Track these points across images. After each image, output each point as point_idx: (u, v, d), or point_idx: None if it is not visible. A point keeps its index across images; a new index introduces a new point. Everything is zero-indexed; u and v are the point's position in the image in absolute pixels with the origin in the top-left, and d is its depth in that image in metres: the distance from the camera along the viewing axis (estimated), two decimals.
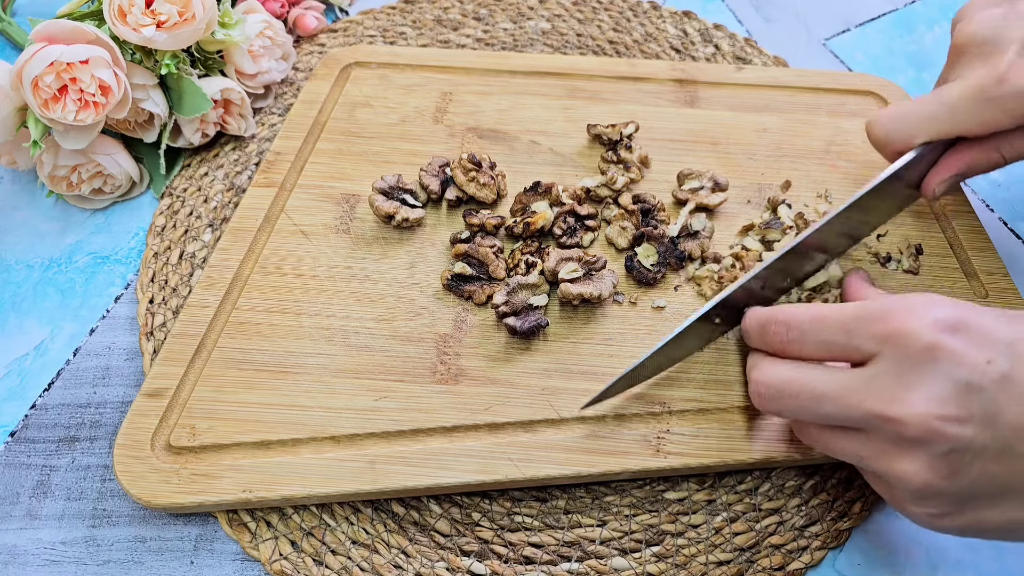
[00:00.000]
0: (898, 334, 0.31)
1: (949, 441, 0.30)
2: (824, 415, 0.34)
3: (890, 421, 0.31)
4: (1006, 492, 0.31)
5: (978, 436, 0.30)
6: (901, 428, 0.31)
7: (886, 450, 0.32)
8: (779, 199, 0.51)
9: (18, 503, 0.42)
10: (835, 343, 0.34)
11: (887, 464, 0.32)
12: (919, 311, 0.32)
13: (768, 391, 0.36)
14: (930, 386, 0.30)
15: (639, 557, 0.40)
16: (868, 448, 0.33)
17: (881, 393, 0.31)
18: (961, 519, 0.32)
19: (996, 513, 0.31)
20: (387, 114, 0.57)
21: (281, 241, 0.50)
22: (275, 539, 0.41)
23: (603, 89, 0.59)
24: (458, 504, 0.42)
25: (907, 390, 0.31)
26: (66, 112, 0.48)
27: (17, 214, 0.55)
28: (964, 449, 0.30)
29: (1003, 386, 0.30)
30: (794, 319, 0.36)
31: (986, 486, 0.31)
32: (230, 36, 0.55)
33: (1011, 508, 0.31)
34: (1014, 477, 0.30)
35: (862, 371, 0.33)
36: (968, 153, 0.44)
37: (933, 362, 0.30)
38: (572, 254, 0.47)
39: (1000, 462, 0.30)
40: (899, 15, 0.71)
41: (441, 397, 0.43)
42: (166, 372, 0.43)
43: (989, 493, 0.31)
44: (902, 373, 0.31)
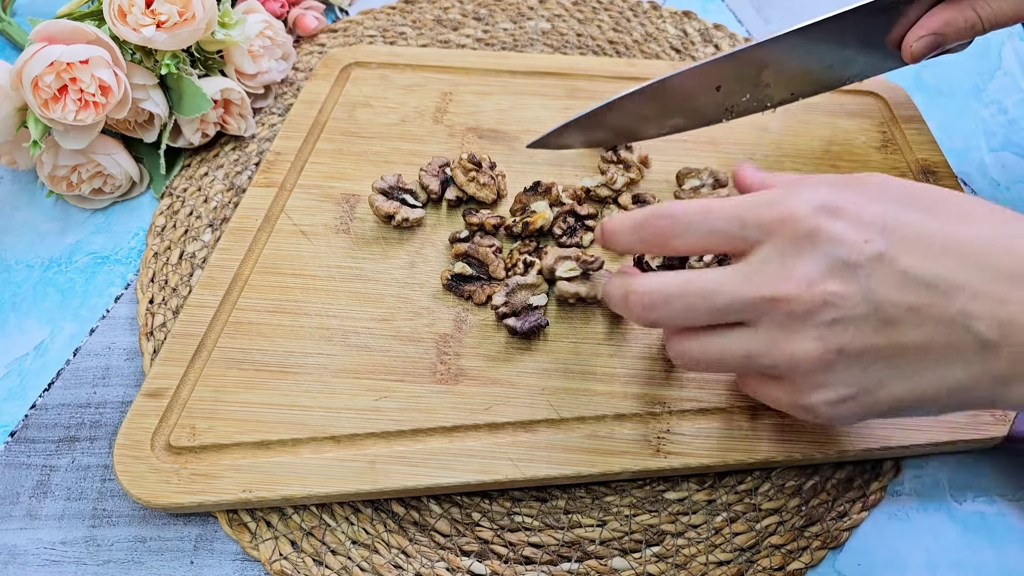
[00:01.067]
0: (780, 220, 0.33)
1: (832, 309, 0.31)
2: (715, 310, 0.34)
3: (778, 301, 0.32)
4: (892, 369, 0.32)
5: (858, 307, 0.31)
6: (787, 305, 0.32)
7: (776, 337, 0.33)
8: None
9: (18, 503, 0.42)
10: (724, 231, 0.34)
11: (779, 351, 0.33)
12: (801, 196, 0.33)
13: (653, 297, 0.35)
14: (811, 263, 0.32)
15: (639, 557, 0.40)
16: (757, 341, 0.33)
17: (769, 276, 0.32)
18: (858, 403, 0.33)
19: (887, 391, 0.32)
20: (387, 114, 0.57)
21: (281, 241, 0.50)
22: (275, 539, 0.41)
23: (603, 89, 0.59)
24: (458, 504, 0.42)
25: (792, 268, 0.32)
26: (66, 112, 0.48)
27: (17, 214, 0.55)
28: (847, 320, 0.31)
29: (878, 264, 0.31)
30: (680, 210, 0.36)
31: (874, 363, 0.32)
32: (230, 36, 0.55)
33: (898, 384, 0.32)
34: (896, 351, 0.31)
35: (748, 260, 0.33)
36: (945, 11, 0.45)
37: (813, 243, 0.32)
38: (570, 253, 0.47)
39: (881, 334, 0.31)
40: None
41: (441, 397, 0.43)
42: (166, 372, 0.43)
43: (878, 371, 0.32)
44: (785, 256, 0.32)
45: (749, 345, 0.34)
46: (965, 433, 0.42)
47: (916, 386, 0.32)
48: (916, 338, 0.31)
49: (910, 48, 0.46)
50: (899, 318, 0.31)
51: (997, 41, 0.68)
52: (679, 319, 0.35)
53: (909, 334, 0.31)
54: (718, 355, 0.35)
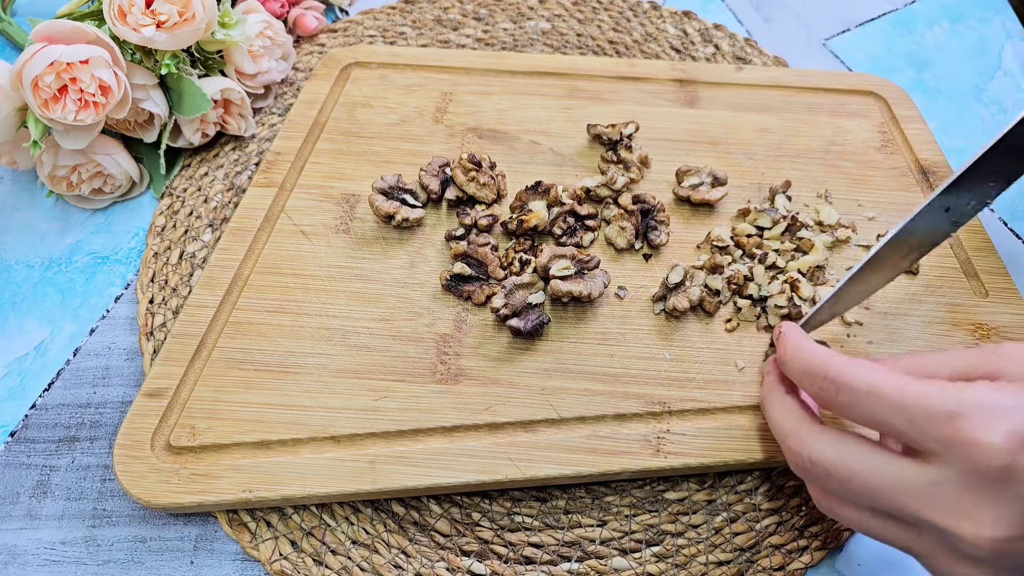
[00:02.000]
0: (968, 444, 0.28)
1: (1014, 560, 0.28)
2: (876, 505, 0.31)
3: (953, 537, 0.29)
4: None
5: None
6: (965, 546, 0.29)
7: (942, 553, 0.30)
8: (779, 190, 0.52)
9: (18, 503, 0.42)
10: (892, 427, 0.30)
11: (944, 564, 0.30)
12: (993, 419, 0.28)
13: (814, 469, 0.33)
14: (1000, 507, 0.28)
15: (639, 557, 0.40)
16: (921, 544, 0.31)
17: (945, 505, 0.29)
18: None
19: None
20: (387, 114, 0.57)
21: (281, 241, 0.50)
22: (275, 539, 0.41)
23: (603, 89, 0.59)
24: (458, 504, 0.42)
25: (975, 508, 0.28)
26: (66, 112, 0.48)
27: (17, 214, 0.55)
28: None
29: None
30: (847, 382, 0.32)
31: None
32: (230, 36, 0.55)
33: None
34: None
35: (923, 472, 0.30)
36: None
37: (1006, 482, 0.28)
38: (566, 251, 0.47)
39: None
40: (899, 15, 0.71)
41: (441, 397, 0.43)
42: (166, 372, 0.43)
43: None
44: (970, 488, 0.28)
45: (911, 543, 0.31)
46: None
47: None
48: None
49: None
50: None
51: (997, 41, 0.68)
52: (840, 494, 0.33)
53: None
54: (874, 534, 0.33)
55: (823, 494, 0.35)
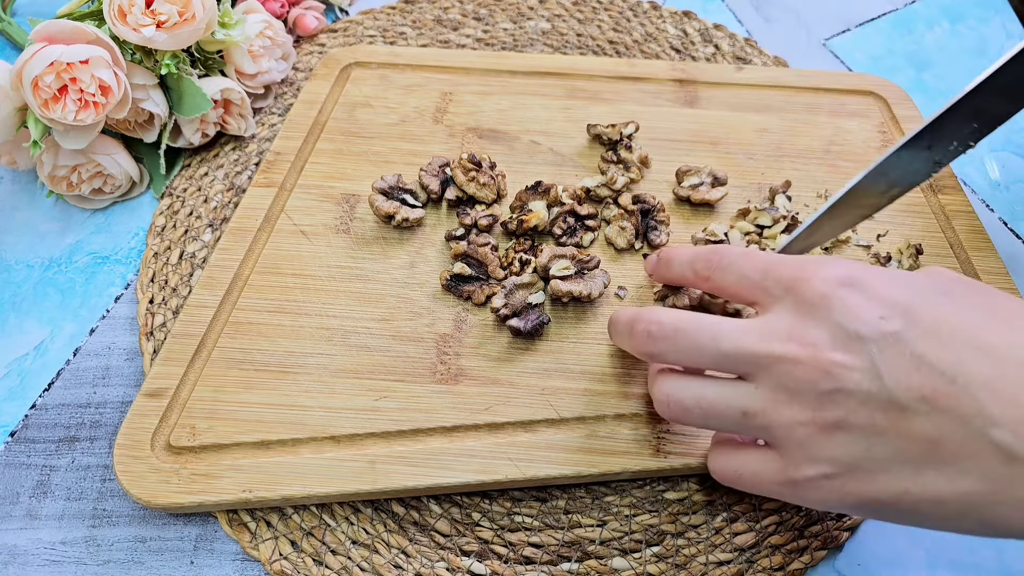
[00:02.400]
0: (799, 280, 0.33)
1: (834, 380, 0.30)
2: (720, 353, 0.33)
3: (780, 360, 0.32)
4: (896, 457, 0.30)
5: (863, 383, 0.30)
6: (791, 366, 0.31)
7: (777, 398, 0.32)
8: (779, 189, 0.52)
9: (18, 503, 0.42)
10: (750, 278, 0.35)
11: (776, 413, 0.32)
12: (827, 265, 0.33)
13: (662, 328, 0.35)
14: (819, 328, 0.31)
15: (639, 557, 0.40)
16: (756, 398, 0.33)
17: (777, 334, 0.32)
18: (853, 486, 0.31)
19: (885, 481, 0.30)
20: (387, 114, 0.57)
21: (281, 241, 0.50)
22: (275, 539, 0.41)
23: (603, 89, 0.59)
24: (458, 504, 0.42)
25: (801, 331, 0.32)
26: (66, 112, 0.48)
27: (17, 214, 0.55)
28: (850, 392, 0.30)
29: (892, 343, 0.30)
30: (728, 249, 0.37)
31: (876, 447, 0.30)
32: (230, 36, 0.55)
33: (899, 477, 0.30)
34: (903, 440, 0.30)
35: (763, 315, 0.34)
36: None
37: (826, 309, 0.31)
38: (566, 251, 0.47)
39: (886, 416, 0.30)
40: (899, 15, 0.71)
41: (441, 397, 0.43)
42: (166, 372, 0.43)
43: (880, 456, 0.30)
44: (798, 316, 0.32)
45: (748, 400, 0.33)
46: None
47: (922, 483, 0.30)
48: (927, 429, 0.29)
49: None
50: (909, 403, 0.29)
51: (997, 41, 0.68)
52: (682, 356, 0.35)
53: (919, 423, 0.29)
54: (712, 403, 0.34)
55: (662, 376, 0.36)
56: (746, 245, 0.50)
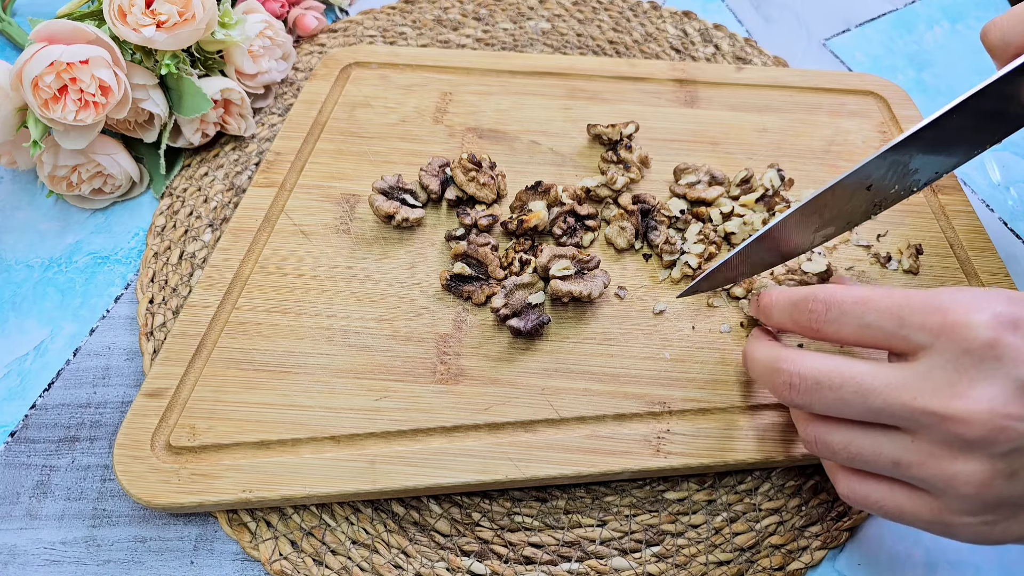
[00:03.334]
0: (956, 327, 0.30)
1: (1012, 440, 0.28)
2: (869, 410, 0.31)
3: (949, 420, 0.29)
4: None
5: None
6: (961, 427, 0.29)
7: (937, 453, 0.30)
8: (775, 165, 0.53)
9: (18, 503, 0.42)
10: (881, 328, 0.32)
11: (937, 468, 0.30)
12: (978, 304, 0.30)
13: (804, 382, 0.33)
14: (992, 384, 0.29)
15: (639, 557, 0.40)
16: (912, 451, 0.31)
17: (938, 390, 0.29)
18: (1016, 526, 0.30)
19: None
20: (387, 114, 0.57)
21: (281, 241, 0.50)
22: (275, 539, 0.41)
23: (603, 89, 0.59)
24: (458, 504, 0.42)
25: (969, 387, 0.29)
26: (66, 112, 0.48)
27: (17, 214, 0.55)
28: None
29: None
30: (836, 298, 0.33)
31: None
32: (230, 36, 0.55)
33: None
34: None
35: (913, 365, 0.31)
36: None
37: (995, 359, 0.29)
38: (566, 251, 0.47)
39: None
40: (899, 15, 0.71)
41: (441, 397, 0.43)
42: (166, 372, 0.43)
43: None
44: (961, 369, 0.29)
45: (903, 454, 0.31)
46: None
47: None
48: None
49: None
50: None
51: None
52: (828, 409, 0.33)
53: None
54: (861, 452, 0.33)
55: (808, 419, 0.35)
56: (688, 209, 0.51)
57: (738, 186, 0.52)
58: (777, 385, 0.35)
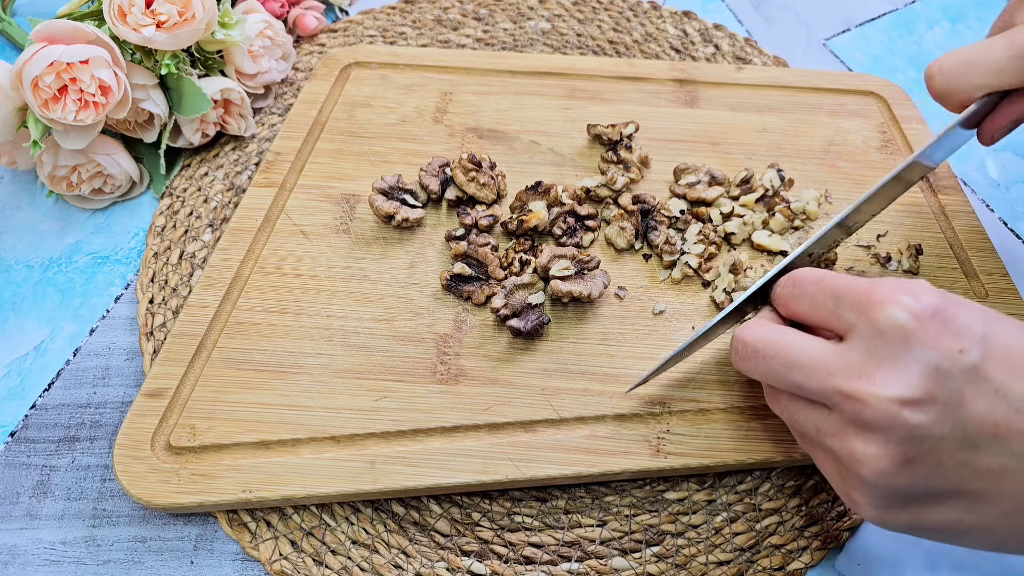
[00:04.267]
0: (875, 307, 0.31)
1: (909, 428, 0.29)
2: (791, 383, 0.33)
3: (852, 399, 0.30)
4: (955, 491, 0.30)
5: (938, 424, 0.29)
6: (862, 408, 0.30)
7: (845, 430, 0.31)
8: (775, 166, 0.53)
9: (18, 503, 0.42)
10: (823, 305, 0.34)
11: (844, 443, 0.31)
12: (902, 292, 0.31)
13: (745, 348, 0.35)
14: (897, 366, 0.30)
15: (639, 557, 0.40)
16: (828, 423, 0.32)
17: (849, 369, 0.31)
18: (904, 515, 0.31)
19: (939, 512, 0.31)
20: (387, 114, 0.57)
21: (281, 241, 0.50)
22: (275, 539, 0.41)
23: (603, 89, 0.59)
24: (458, 504, 0.42)
25: (875, 368, 0.30)
26: (66, 112, 0.48)
27: (17, 214, 0.55)
28: (923, 437, 0.29)
29: (971, 377, 0.29)
30: (801, 276, 0.36)
31: (938, 482, 0.30)
32: (230, 36, 0.55)
33: (955, 509, 0.30)
34: (967, 474, 0.30)
35: (839, 344, 0.32)
36: None
37: (904, 341, 0.30)
38: (566, 252, 0.47)
39: (956, 455, 0.29)
40: (899, 15, 0.71)
41: (441, 397, 0.43)
42: (166, 372, 0.43)
43: (938, 490, 0.30)
44: (873, 350, 0.30)
45: (821, 422, 0.33)
46: None
47: (976, 513, 0.30)
48: (991, 464, 0.29)
49: (990, 137, 0.44)
50: (980, 442, 0.29)
51: None
52: (763, 377, 0.35)
53: (985, 458, 0.29)
54: (793, 417, 0.35)
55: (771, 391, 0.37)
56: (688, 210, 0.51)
57: (738, 186, 0.52)
58: (734, 348, 0.36)
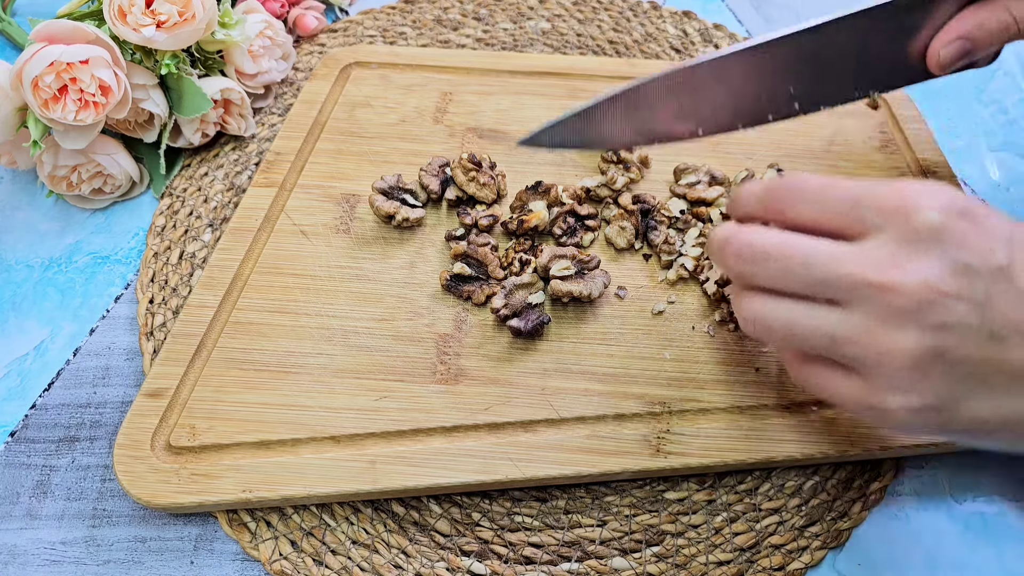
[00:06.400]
0: (907, 210, 0.31)
1: (942, 313, 0.30)
2: (811, 279, 0.32)
3: (884, 289, 0.30)
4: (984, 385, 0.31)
5: (968, 316, 0.30)
6: (894, 296, 0.30)
7: (871, 327, 0.31)
8: (775, 165, 0.53)
9: (18, 503, 0.42)
10: (839, 210, 0.33)
11: (871, 342, 0.31)
12: (933, 193, 0.31)
13: (753, 251, 0.33)
14: (930, 260, 0.30)
15: (639, 557, 0.40)
16: (848, 326, 0.31)
17: (878, 262, 0.31)
18: (935, 415, 0.31)
19: (968, 408, 0.31)
20: (387, 114, 0.57)
21: (281, 241, 0.50)
22: (275, 539, 0.41)
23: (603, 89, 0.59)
24: (458, 504, 0.42)
25: (907, 261, 0.30)
26: (66, 112, 0.48)
27: (17, 214, 0.55)
28: (955, 325, 0.30)
29: (999, 277, 0.30)
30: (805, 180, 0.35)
31: (967, 376, 0.31)
32: (230, 36, 0.55)
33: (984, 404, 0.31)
34: (993, 369, 0.30)
35: (860, 243, 0.32)
36: (976, 13, 0.42)
37: (937, 240, 0.30)
38: (566, 251, 0.47)
39: (984, 349, 0.30)
40: None
41: (441, 397, 0.43)
42: (166, 372, 0.43)
43: (968, 386, 0.31)
44: (904, 246, 0.31)
45: (839, 327, 0.32)
46: None
47: (1004, 408, 0.31)
48: (1018, 358, 0.30)
49: (937, 56, 0.43)
50: (1007, 335, 0.30)
51: None
52: (772, 280, 0.33)
53: (1012, 353, 0.30)
54: (799, 328, 0.33)
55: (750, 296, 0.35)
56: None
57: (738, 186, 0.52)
58: (726, 255, 0.35)
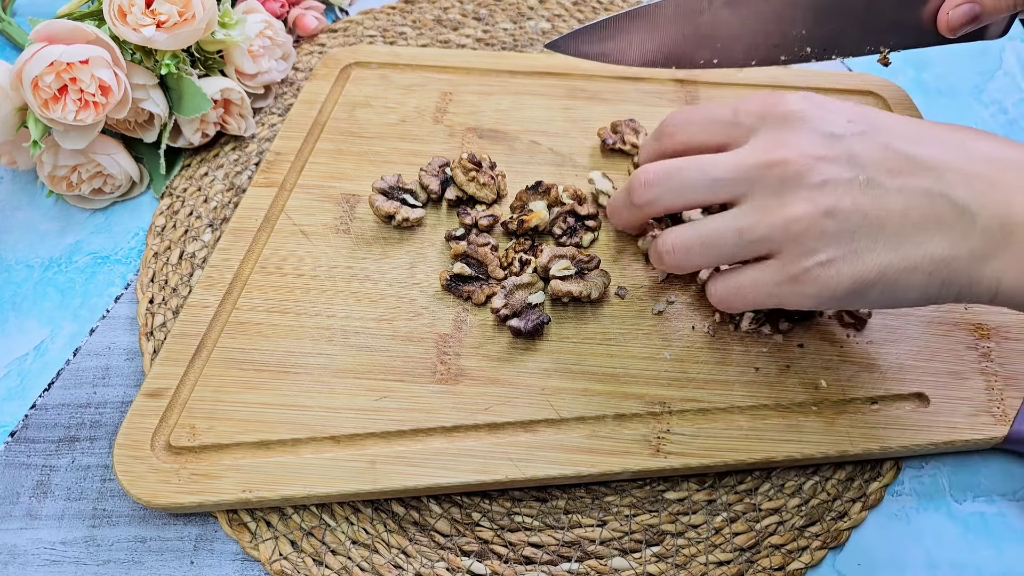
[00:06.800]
0: (774, 105, 0.38)
1: (823, 172, 0.35)
2: (710, 181, 0.38)
3: (771, 165, 0.36)
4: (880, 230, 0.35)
5: (843, 171, 0.35)
6: (780, 168, 0.36)
7: (769, 205, 0.36)
8: None
9: (18, 503, 0.42)
10: (719, 124, 0.40)
11: (771, 218, 0.36)
12: (791, 94, 0.38)
13: (656, 175, 0.40)
14: (802, 135, 0.36)
15: (639, 557, 0.40)
16: (749, 211, 0.37)
17: (763, 148, 0.37)
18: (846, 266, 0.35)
19: (872, 257, 0.35)
20: (387, 114, 0.57)
21: (281, 241, 0.50)
22: (275, 539, 0.41)
23: (603, 89, 0.59)
24: (458, 504, 0.42)
25: (785, 141, 0.37)
26: (66, 112, 0.48)
27: (17, 214, 0.55)
28: (835, 180, 0.35)
29: (862, 138, 0.36)
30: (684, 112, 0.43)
31: (861, 224, 0.35)
32: (230, 36, 0.55)
33: (885, 251, 0.35)
34: (880, 215, 0.35)
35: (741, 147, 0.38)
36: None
37: (803, 120, 0.37)
38: (566, 251, 0.47)
39: (866, 195, 0.35)
40: None
41: (441, 397, 0.43)
42: (166, 372, 0.43)
43: (864, 233, 0.35)
44: (779, 131, 0.37)
45: (741, 218, 0.37)
46: (964, 433, 0.42)
47: (901, 254, 0.34)
48: (898, 203, 0.35)
49: (947, 17, 0.46)
50: (881, 181, 0.35)
51: (997, 42, 0.68)
52: (676, 194, 0.39)
53: (891, 199, 0.35)
54: (709, 235, 0.38)
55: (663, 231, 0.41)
56: None
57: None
58: (634, 188, 0.41)
